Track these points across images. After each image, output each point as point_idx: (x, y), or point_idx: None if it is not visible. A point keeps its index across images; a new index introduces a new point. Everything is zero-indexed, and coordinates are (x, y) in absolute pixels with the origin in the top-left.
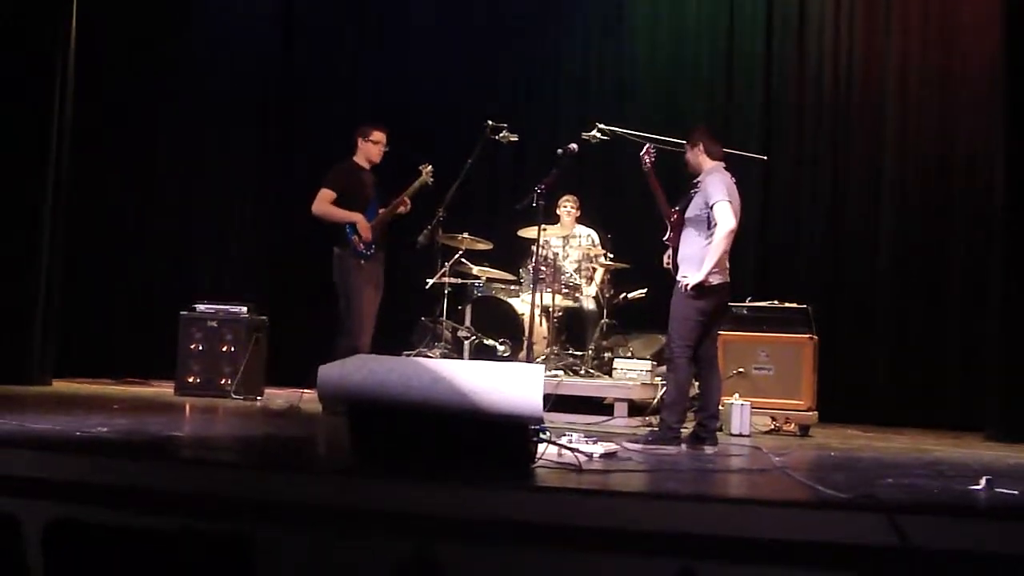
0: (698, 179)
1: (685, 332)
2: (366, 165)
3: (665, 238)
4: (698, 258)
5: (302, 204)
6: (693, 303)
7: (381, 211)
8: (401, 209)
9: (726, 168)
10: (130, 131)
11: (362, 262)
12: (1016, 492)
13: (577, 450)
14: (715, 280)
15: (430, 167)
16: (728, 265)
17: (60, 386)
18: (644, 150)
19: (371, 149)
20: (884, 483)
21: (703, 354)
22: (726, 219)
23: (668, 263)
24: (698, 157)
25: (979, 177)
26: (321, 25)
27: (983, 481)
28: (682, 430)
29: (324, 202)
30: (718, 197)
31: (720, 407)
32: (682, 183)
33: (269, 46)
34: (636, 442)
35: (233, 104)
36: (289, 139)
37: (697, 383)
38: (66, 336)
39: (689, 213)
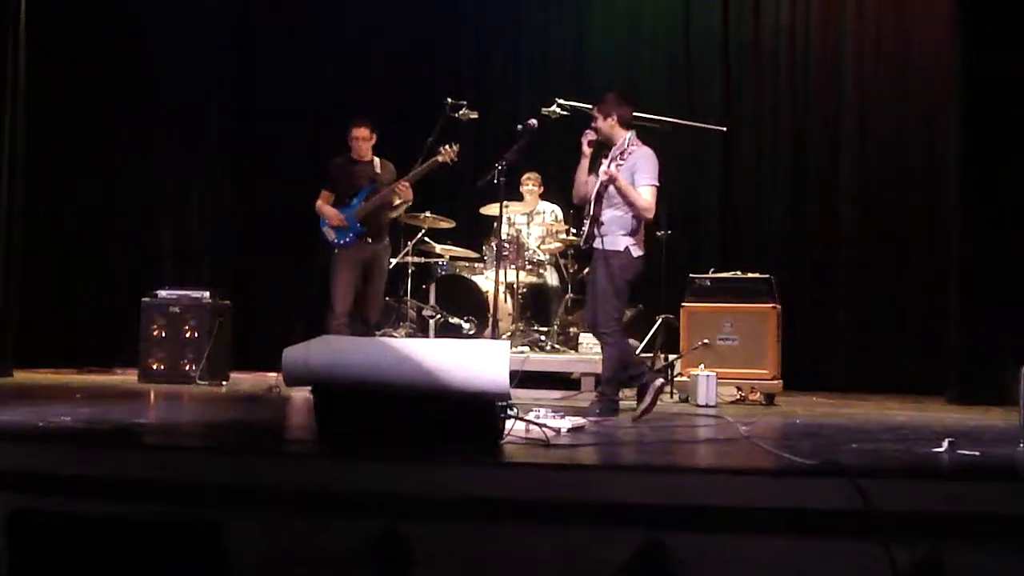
0: (620, 151)
1: (617, 304)
2: (356, 157)
3: (589, 211)
4: (620, 224)
5: (263, 187)
6: (622, 275)
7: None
8: (400, 190)
9: (640, 135)
10: (88, 116)
11: (336, 251)
12: (977, 453)
13: (544, 425)
14: (640, 250)
15: (452, 147)
16: (644, 239)
17: (22, 376)
18: (585, 137)
19: (352, 144)
20: (849, 448)
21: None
22: (652, 204)
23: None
24: (612, 128)
25: (938, 144)
26: (277, 8)
27: (945, 443)
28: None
29: (320, 200)
30: (649, 180)
31: (685, 378)
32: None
33: (226, 32)
34: (587, 415)
35: (192, 88)
36: (249, 123)
37: None
38: (27, 326)
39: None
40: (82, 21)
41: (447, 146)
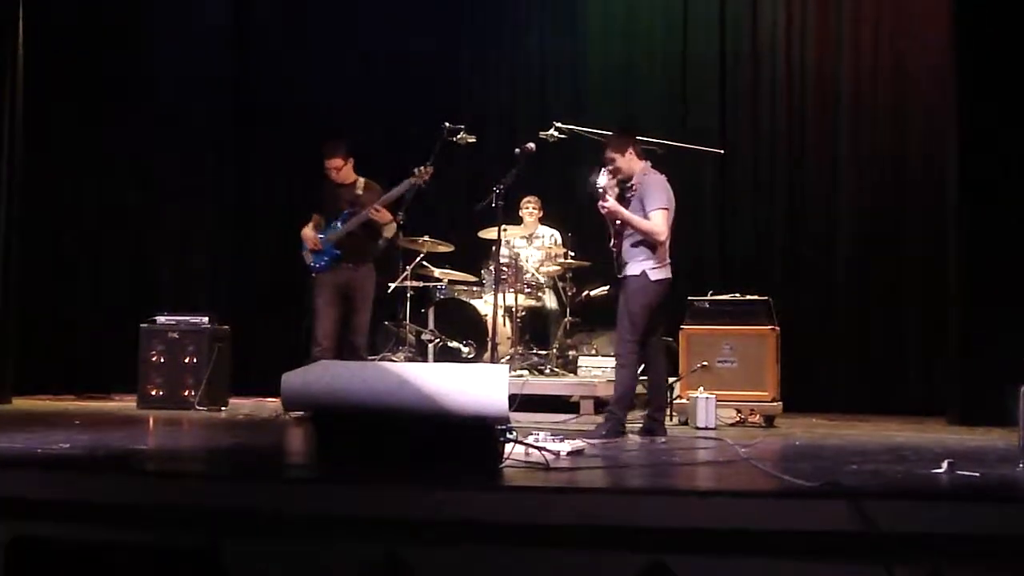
0: (632, 182)
1: (635, 326)
2: (338, 182)
3: (611, 244)
4: (637, 250)
5: (260, 212)
6: (641, 298)
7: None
8: (374, 214)
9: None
10: (84, 143)
11: (313, 275)
12: (977, 474)
13: (544, 449)
14: (660, 274)
15: (426, 168)
16: (669, 261)
17: (20, 403)
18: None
19: (329, 172)
20: (849, 470)
21: (649, 350)
22: (660, 227)
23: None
24: (631, 162)
25: (935, 163)
26: (272, 36)
27: (945, 464)
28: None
29: (309, 224)
30: (657, 204)
31: (684, 400)
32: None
33: (222, 56)
34: (591, 438)
35: (188, 114)
36: (246, 147)
37: (644, 378)
38: (25, 353)
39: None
40: (80, 40)
41: (421, 167)
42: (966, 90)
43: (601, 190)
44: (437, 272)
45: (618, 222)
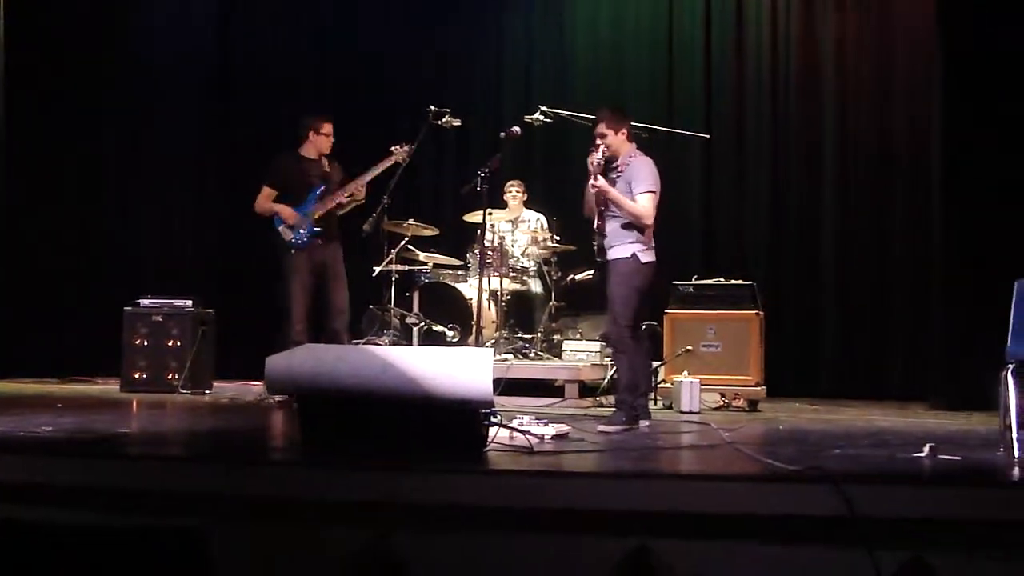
0: (618, 163)
1: (629, 310)
2: (314, 155)
3: (595, 224)
4: (625, 232)
5: (245, 196)
6: (632, 281)
7: (328, 198)
8: (356, 191)
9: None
10: (69, 127)
11: (291, 252)
12: (958, 458)
13: (528, 432)
14: (649, 257)
15: (404, 146)
16: (653, 245)
17: (3, 386)
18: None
19: (322, 141)
20: (832, 454)
21: (636, 334)
22: (648, 211)
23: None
24: (621, 142)
25: (918, 151)
26: (258, 19)
27: (927, 448)
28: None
29: (260, 198)
30: (645, 187)
31: (669, 384)
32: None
33: (206, 39)
34: (611, 424)
35: (172, 100)
36: (230, 132)
37: None
38: (8, 336)
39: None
40: (64, 25)
41: (399, 146)
42: (951, 83)
43: (590, 167)
44: (422, 256)
45: (603, 198)
